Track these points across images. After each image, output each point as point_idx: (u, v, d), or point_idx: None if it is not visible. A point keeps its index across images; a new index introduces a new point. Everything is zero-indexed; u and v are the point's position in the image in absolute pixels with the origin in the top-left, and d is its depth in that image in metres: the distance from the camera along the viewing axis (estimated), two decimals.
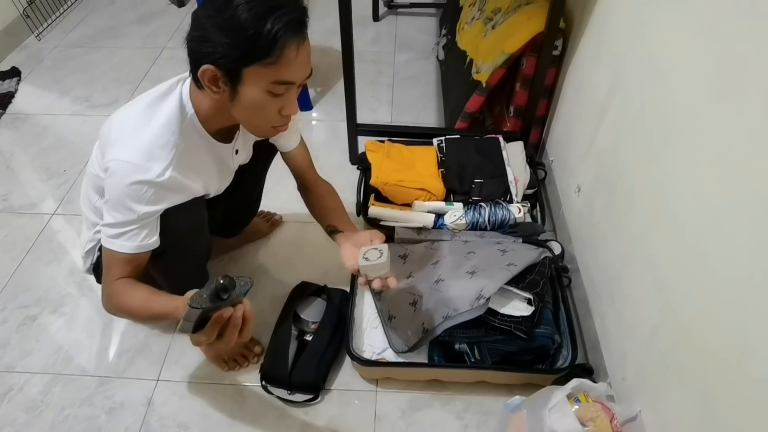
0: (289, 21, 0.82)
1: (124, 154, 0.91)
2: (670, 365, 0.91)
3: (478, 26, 1.80)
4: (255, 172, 1.27)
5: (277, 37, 0.82)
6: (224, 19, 0.82)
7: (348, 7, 1.39)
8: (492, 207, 1.46)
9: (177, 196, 0.98)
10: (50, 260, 1.54)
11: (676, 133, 0.93)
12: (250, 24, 0.81)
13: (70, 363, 1.30)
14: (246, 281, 0.78)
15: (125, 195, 0.91)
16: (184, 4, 2.69)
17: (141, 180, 0.90)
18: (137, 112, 0.96)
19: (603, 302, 1.21)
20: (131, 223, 0.93)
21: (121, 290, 0.98)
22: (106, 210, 0.94)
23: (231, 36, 0.82)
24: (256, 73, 0.85)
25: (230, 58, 0.84)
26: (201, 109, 0.96)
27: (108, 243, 0.96)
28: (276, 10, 0.82)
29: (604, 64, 1.28)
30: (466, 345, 1.19)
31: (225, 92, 0.89)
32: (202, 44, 0.85)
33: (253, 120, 0.95)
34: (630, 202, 1.10)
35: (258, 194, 1.43)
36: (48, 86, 2.21)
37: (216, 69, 0.85)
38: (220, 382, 1.27)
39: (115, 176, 0.91)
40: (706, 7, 0.86)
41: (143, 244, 0.96)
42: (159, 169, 0.91)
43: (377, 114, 2.06)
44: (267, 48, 0.82)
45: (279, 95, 0.89)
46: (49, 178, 1.79)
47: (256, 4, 0.81)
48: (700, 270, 0.84)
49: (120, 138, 0.93)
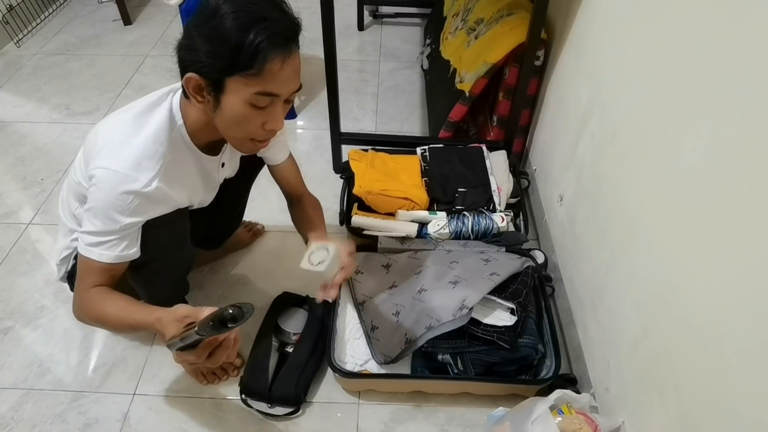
0: (274, 34, 0.81)
1: (110, 162, 0.89)
2: (651, 377, 0.90)
3: (461, 36, 1.81)
4: (240, 186, 1.26)
5: (259, 49, 0.80)
6: (209, 28, 0.81)
7: (331, 16, 1.39)
8: (475, 216, 1.45)
9: (161, 207, 0.96)
10: (26, 271, 1.50)
11: (654, 147, 0.93)
12: (233, 35, 0.80)
13: (44, 377, 1.27)
14: (249, 308, 0.78)
15: (109, 204, 0.89)
16: (130, 23, 2.63)
17: (127, 190, 0.89)
18: (126, 121, 0.94)
19: (586, 312, 1.21)
20: (112, 233, 0.92)
21: (96, 299, 0.95)
22: (87, 217, 0.93)
23: (214, 45, 0.81)
24: (239, 83, 0.84)
25: (213, 67, 0.83)
26: (189, 121, 0.95)
27: (85, 251, 0.94)
28: (261, 22, 0.81)
29: (584, 76, 1.29)
30: (449, 356, 1.18)
31: (209, 102, 0.88)
32: (188, 52, 0.85)
33: (234, 132, 0.92)
34: (611, 213, 1.10)
35: (242, 208, 1.42)
36: (27, 94, 2.17)
37: (200, 78, 0.85)
38: (199, 396, 1.24)
39: (100, 185, 0.89)
40: (680, 25, 0.87)
41: (123, 254, 0.94)
42: (145, 180, 0.90)
43: (362, 123, 2.05)
44: (249, 59, 0.81)
45: (262, 108, 0.87)
46: (26, 187, 1.76)
47: (242, 15, 0.81)
48: (679, 283, 0.84)
49: (107, 146, 0.92)
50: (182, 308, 0.88)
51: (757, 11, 0.69)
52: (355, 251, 1.11)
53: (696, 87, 0.82)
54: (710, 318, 0.75)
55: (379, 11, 2.66)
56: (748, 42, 0.70)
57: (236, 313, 0.76)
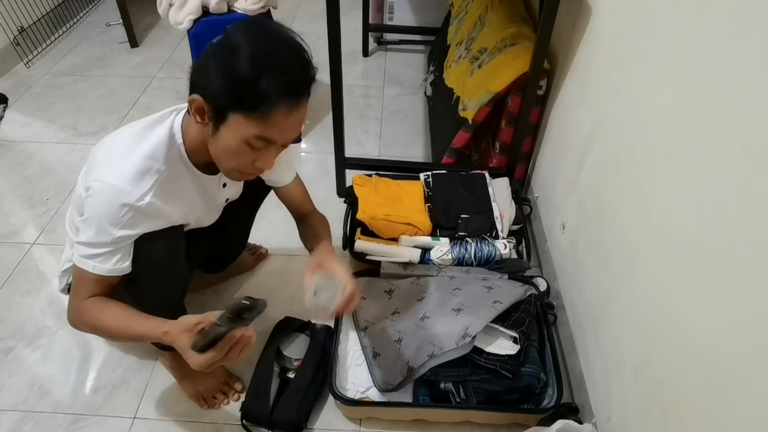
0: (285, 85, 0.83)
1: (107, 176, 0.91)
2: (654, 405, 0.90)
3: (464, 65, 1.84)
4: (244, 209, 1.27)
5: (267, 96, 0.82)
6: (225, 61, 0.83)
7: (337, 42, 1.42)
8: (478, 243, 1.46)
9: (154, 222, 0.97)
10: (28, 291, 1.50)
11: (655, 176, 0.95)
12: (246, 75, 0.81)
13: (44, 399, 1.26)
14: (262, 303, 0.80)
15: (102, 215, 0.91)
16: (137, 45, 2.66)
17: (121, 203, 0.90)
18: (128, 137, 0.96)
19: (588, 340, 1.21)
20: (104, 245, 0.93)
21: (94, 308, 0.97)
22: (82, 228, 0.94)
23: (226, 79, 0.83)
24: (241, 120, 0.85)
25: (219, 98, 0.85)
26: (189, 139, 0.97)
27: (80, 262, 0.95)
28: (275, 70, 0.82)
29: (586, 106, 1.31)
30: (451, 384, 1.18)
31: (208, 126, 0.90)
32: (200, 76, 0.87)
33: (224, 161, 0.94)
34: (612, 241, 1.11)
35: (246, 233, 1.43)
36: (35, 113, 2.20)
37: (205, 102, 0.86)
38: (199, 420, 1.23)
39: (95, 196, 0.91)
40: (681, 57, 0.89)
41: (115, 268, 0.96)
42: (139, 194, 0.91)
43: (365, 147, 2.07)
44: (255, 103, 0.83)
45: (257, 149, 0.89)
46: (31, 207, 1.77)
47: (260, 58, 0.82)
48: (680, 311, 0.84)
49: (107, 160, 0.94)
50: (189, 318, 0.89)
51: (759, 42, 0.70)
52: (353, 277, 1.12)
53: (699, 118, 0.83)
54: (712, 346, 0.76)
55: (384, 38, 2.70)
56: (751, 73, 0.72)
57: (251, 303, 0.77)
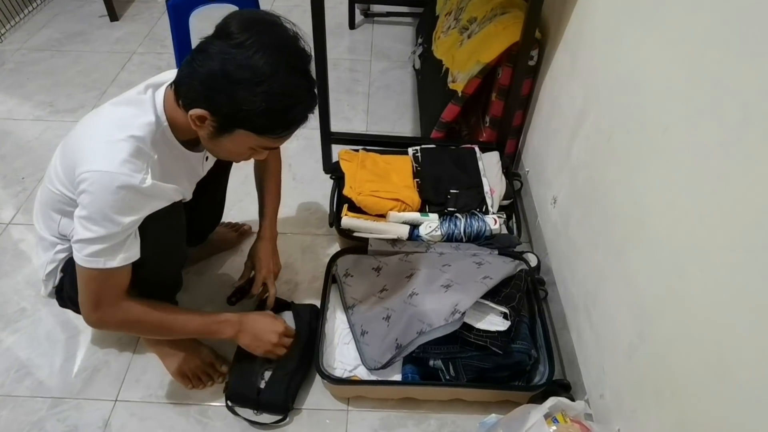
0: (303, 117, 0.89)
1: (98, 165, 0.87)
2: (647, 383, 0.88)
3: (453, 36, 1.78)
4: (218, 175, 1.24)
5: (288, 126, 0.89)
6: (246, 91, 0.82)
7: (321, 14, 1.36)
8: (468, 218, 1.43)
9: (157, 202, 0.96)
10: (6, 272, 1.45)
11: (651, 149, 0.91)
12: (268, 108, 0.84)
13: (22, 383, 1.22)
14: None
15: (106, 206, 0.87)
16: (117, 19, 2.58)
17: (121, 185, 0.86)
18: (107, 122, 0.93)
19: (580, 316, 1.19)
20: (116, 236, 0.89)
21: (135, 309, 0.99)
22: (82, 225, 0.88)
23: (247, 108, 0.83)
24: (250, 136, 0.89)
25: (234, 118, 0.86)
26: (175, 122, 0.95)
27: (88, 262, 0.90)
28: (296, 106, 0.87)
29: (578, 77, 1.27)
30: (440, 361, 1.16)
31: (206, 130, 0.89)
32: (209, 90, 0.85)
33: (220, 155, 1.02)
34: (606, 216, 1.08)
35: (221, 197, 1.40)
36: (9, 90, 2.12)
37: (210, 115, 0.86)
38: (183, 402, 1.20)
39: (92, 188, 0.86)
40: (679, 24, 0.85)
41: (128, 256, 0.93)
42: (139, 177, 0.89)
43: (352, 123, 2.02)
44: (273, 131, 0.89)
45: (258, 152, 0.96)
46: (6, 186, 1.71)
47: (282, 97, 0.84)
48: (676, 288, 0.82)
49: (93, 150, 0.89)
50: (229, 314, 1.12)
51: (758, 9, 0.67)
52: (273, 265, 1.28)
53: (696, 87, 0.79)
54: (710, 323, 0.73)
55: (371, 10, 2.63)
56: (749, 40, 0.68)
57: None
